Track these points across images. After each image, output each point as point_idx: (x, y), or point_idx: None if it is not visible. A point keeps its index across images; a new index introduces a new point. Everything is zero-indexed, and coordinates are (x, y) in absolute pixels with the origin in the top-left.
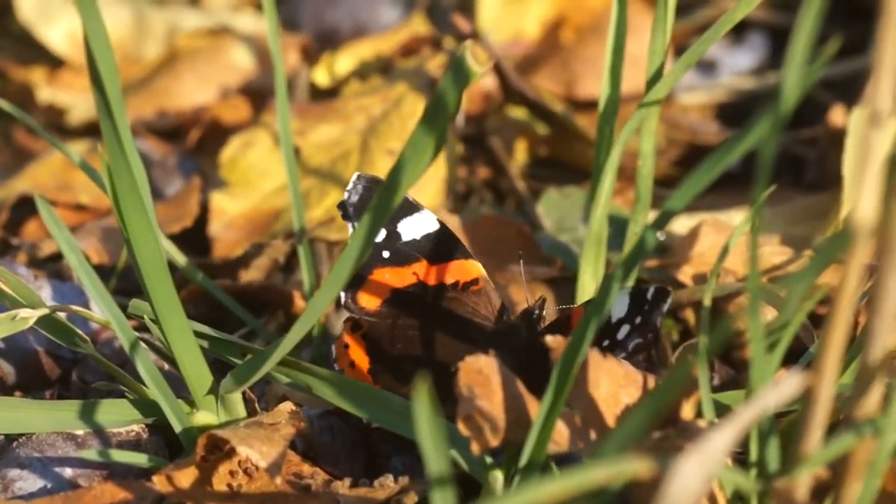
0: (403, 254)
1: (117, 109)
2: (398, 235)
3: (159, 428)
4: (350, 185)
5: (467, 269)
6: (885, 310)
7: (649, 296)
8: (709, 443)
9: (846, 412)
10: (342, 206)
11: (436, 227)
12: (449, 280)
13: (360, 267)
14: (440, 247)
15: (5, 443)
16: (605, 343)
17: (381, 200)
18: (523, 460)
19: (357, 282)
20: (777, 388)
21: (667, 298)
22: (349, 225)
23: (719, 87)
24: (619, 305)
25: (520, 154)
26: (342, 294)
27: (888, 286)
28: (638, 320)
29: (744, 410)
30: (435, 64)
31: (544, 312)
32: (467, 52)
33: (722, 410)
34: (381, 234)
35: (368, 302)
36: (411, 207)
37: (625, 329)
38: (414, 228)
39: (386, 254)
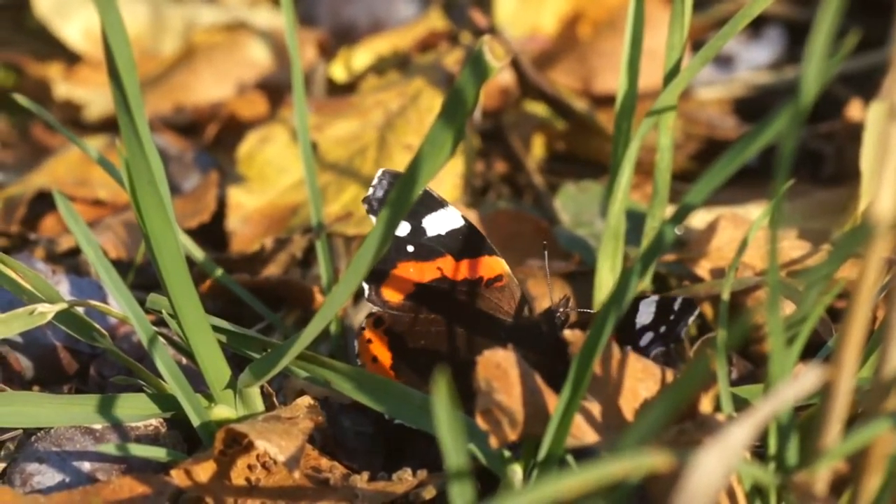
0: (428, 249)
1: (135, 104)
2: (423, 231)
3: (177, 422)
4: (375, 181)
5: (491, 265)
6: None
7: (676, 306)
8: (728, 437)
9: (865, 406)
10: (367, 200)
11: (461, 223)
12: (473, 276)
13: (384, 261)
14: (465, 243)
15: (24, 437)
16: (627, 348)
17: (399, 195)
18: (541, 454)
19: (381, 275)
20: (796, 382)
21: (693, 311)
22: (373, 219)
23: (737, 81)
24: (644, 312)
25: (537, 149)
26: (366, 287)
27: None
28: (662, 329)
29: (762, 404)
30: (452, 59)
31: (569, 309)
32: (486, 47)
33: (740, 404)
34: (406, 229)
35: (392, 296)
36: (436, 203)
37: (648, 336)
38: (439, 224)
39: (410, 248)
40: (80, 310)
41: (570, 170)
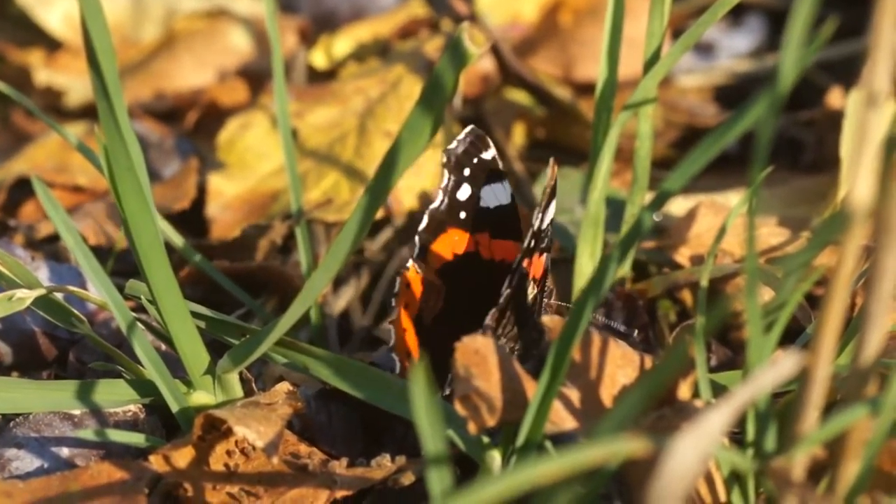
0: (474, 220)
1: (114, 91)
2: (478, 199)
3: (156, 408)
4: (461, 136)
5: (516, 250)
6: (881, 291)
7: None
8: (705, 422)
9: (843, 392)
10: (447, 153)
11: (508, 201)
12: (501, 258)
13: (439, 223)
14: (505, 222)
15: (2, 423)
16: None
17: (377, 182)
18: (520, 440)
19: (432, 236)
20: (773, 368)
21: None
22: (445, 174)
23: (717, 69)
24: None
25: (518, 136)
26: (417, 243)
27: (885, 267)
28: None
29: (740, 390)
30: (432, 46)
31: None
32: (464, 34)
33: (719, 391)
34: (467, 192)
35: (435, 259)
36: (498, 175)
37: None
38: (492, 197)
39: (462, 214)
40: (59, 296)
41: (550, 157)
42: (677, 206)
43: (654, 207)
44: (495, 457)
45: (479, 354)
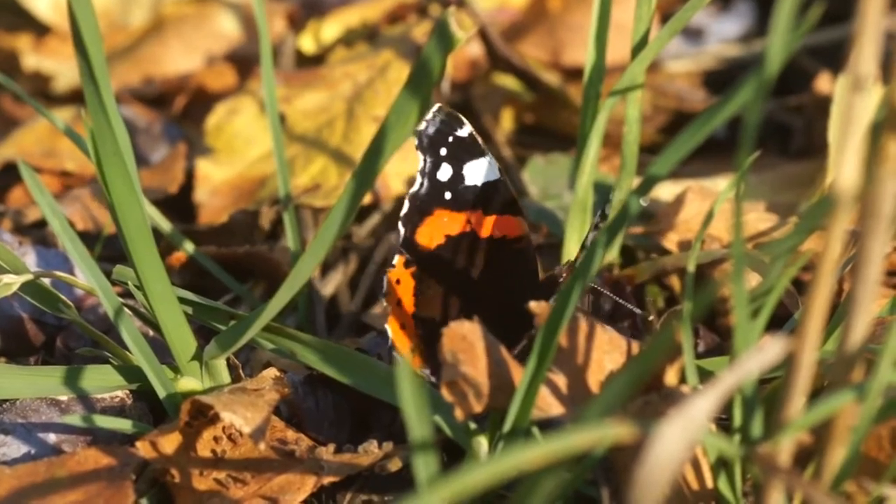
0: (462, 199)
1: (101, 75)
2: (462, 178)
3: (143, 394)
4: (429, 116)
5: (516, 225)
6: (868, 276)
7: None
8: (691, 408)
9: (829, 378)
10: (418, 134)
11: (497, 176)
12: (497, 233)
13: (422, 205)
14: (497, 198)
15: None
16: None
17: (364, 166)
18: (507, 426)
19: (417, 220)
20: (759, 354)
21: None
22: (420, 156)
23: (706, 54)
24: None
25: (506, 121)
26: (401, 229)
27: (871, 252)
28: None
29: (726, 376)
30: (421, 31)
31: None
32: (451, 18)
33: (706, 377)
34: (448, 173)
35: (425, 241)
36: (478, 151)
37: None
38: (477, 174)
39: (448, 195)
40: (46, 281)
41: (538, 142)
42: (665, 192)
43: (640, 192)
44: (482, 443)
45: (467, 340)
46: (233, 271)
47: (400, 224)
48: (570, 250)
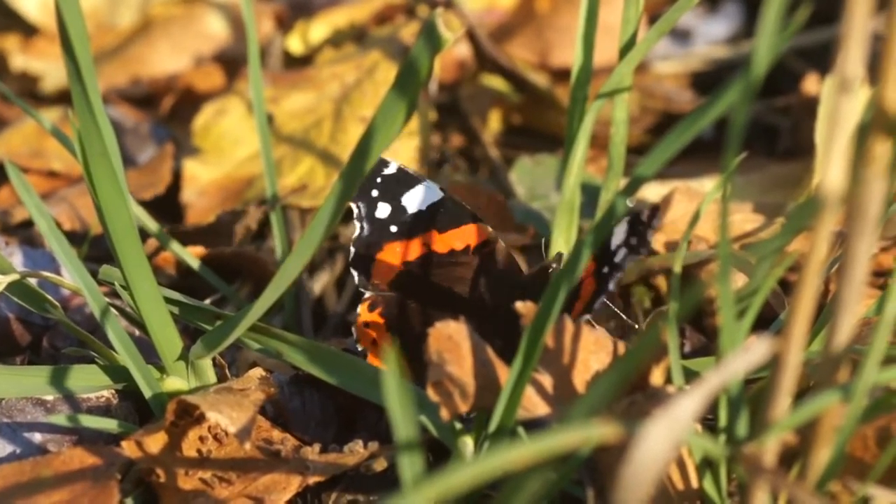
0: (411, 226)
1: (88, 76)
2: (404, 209)
3: (129, 394)
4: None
5: (476, 232)
6: (854, 277)
7: (645, 217)
8: (677, 408)
9: (815, 379)
10: None
11: (440, 196)
12: (460, 246)
13: (369, 246)
14: (447, 215)
15: None
16: (605, 269)
17: (352, 167)
18: (493, 426)
19: (368, 261)
20: (745, 354)
21: (659, 214)
22: (352, 205)
23: (694, 55)
24: (618, 234)
25: (493, 122)
26: (355, 274)
27: (857, 253)
28: (634, 241)
29: (712, 376)
30: (409, 32)
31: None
32: (439, 19)
33: (692, 377)
34: (386, 211)
35: (383, 278)
36: (413, 180)
37: (622, 253)
38: (418, 200)
39: (394, 228)
40: (33, 281)
41: (525, 143)
42: (652, 192)
43: (627, 193)
44: (467, 443)
45: (453, 340)
46: (220, 271)
47: (352, 270)
48: (558, 251)
